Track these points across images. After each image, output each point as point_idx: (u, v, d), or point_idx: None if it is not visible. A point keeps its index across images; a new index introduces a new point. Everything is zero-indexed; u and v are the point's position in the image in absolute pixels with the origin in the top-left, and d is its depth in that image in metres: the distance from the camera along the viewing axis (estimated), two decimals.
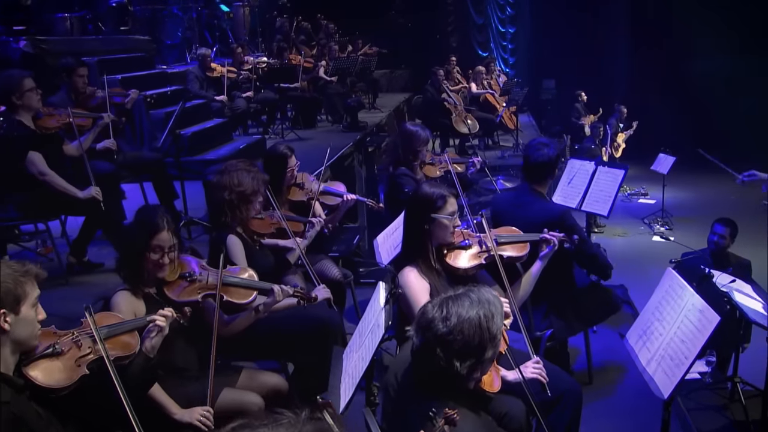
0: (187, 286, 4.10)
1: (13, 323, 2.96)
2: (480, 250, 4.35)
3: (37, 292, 3.10)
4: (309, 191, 6.04)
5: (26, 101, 6.09)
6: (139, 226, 4.00)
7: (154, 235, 3.95)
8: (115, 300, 3.91)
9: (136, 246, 3.95)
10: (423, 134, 6.60)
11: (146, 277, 4.03)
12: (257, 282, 4.36)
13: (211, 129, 10.87)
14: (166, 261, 4.03)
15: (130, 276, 3.99)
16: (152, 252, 3.96)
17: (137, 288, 3.99)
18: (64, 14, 11.99)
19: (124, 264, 4.02)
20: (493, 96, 15.96)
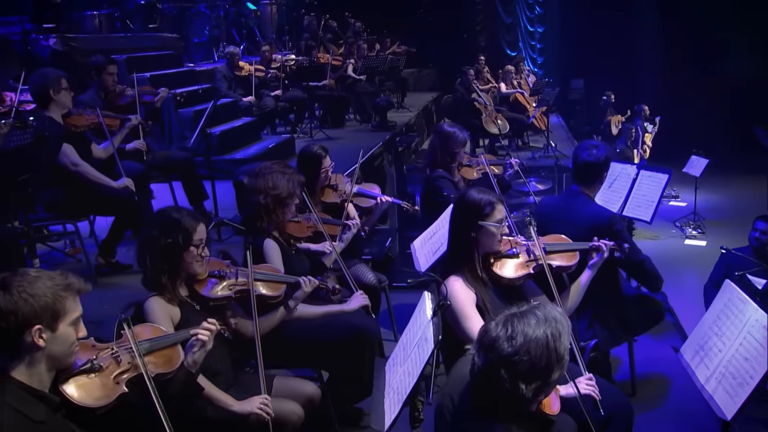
0: (217, 283, 4.04)
1: (49, 340, 2.79)
2: (528, 259, 4.17)
3: (79, 310, 2.91)
4: (343, 193, 5.88)
5: (61, 98, 6.03)
6: (172, 227, 3.84)
7: (195, 228, 3.87)
8: (149, 307, 3.75)
9: (177, 247, 3.82)
10: (461, 135, 6.44)
11: (182, 278, 3.92)
12: (284, 276, 4.35)
13: (239, 128, 10.74)
14: (206, 253, 3.96)
15: (165, 282, 3.83)
16: (193, 246, 3.86)
17: (171, 293, 3.84)
18: (93, 12, 11.90)
19: (160, 270, 3.83)
20: (523, 96, 15.75)
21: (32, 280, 2.78)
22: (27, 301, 2.72)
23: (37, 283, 2.78)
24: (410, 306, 6.79)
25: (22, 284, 2.75)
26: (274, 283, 4.23)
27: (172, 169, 7.58)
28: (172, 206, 4.11)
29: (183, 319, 3.78)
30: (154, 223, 3.94)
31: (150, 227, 3.94)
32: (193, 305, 3.92)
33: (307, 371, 5.01)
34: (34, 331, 2.74)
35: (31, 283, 2.77)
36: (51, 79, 5.98)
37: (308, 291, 4.27)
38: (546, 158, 13.99)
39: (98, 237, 6.74)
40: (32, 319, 2.74)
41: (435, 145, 6.56)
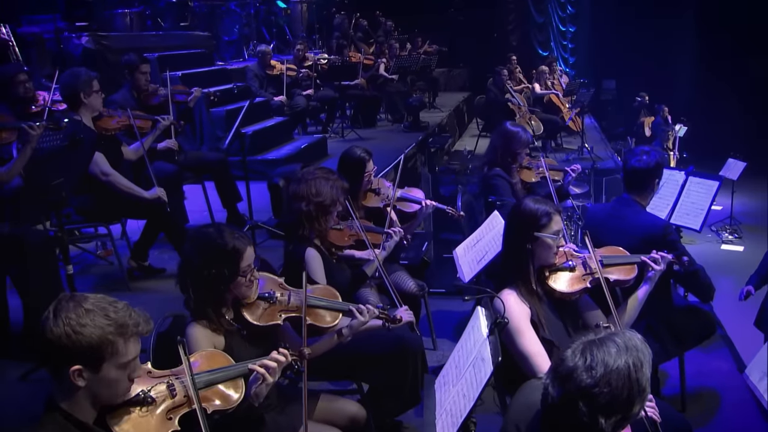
0: (267, 308, 3.70)
1: (90, 380, 2.54)
2: (584, 273, 3.97)
3: (132, 353, 2.62)
4: (385, 197, 5.70)
5: (91, 101, 5.91)
6: (215, 257, 3.47)
7: (242, 255, 3.50)
8: (191, 335, 3.43)
9: (222, 279, 3.47)
10: (524, 136, 6.25)
11: (228, 305, 3.61)
12: (342, 303, 3.99)
13: (271, 128, 10.63)
14: (255, 277, 3.64)
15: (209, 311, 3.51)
16: (242, 276, 3.53)
17: (216, 322, 3.52)
18: (124, 10, 11.80)
19: (203, 302, 3.49)
20: (557, 97, 15.51)
21: (82, 313, 2.52)
22: (70, 337, 2.48)
23: (86, 318, 2.51)
24: (448, 313, 6.77)
25: (70, 316, 2.50)
26: (330, 311, 3.90)
27: (205, 170, 7.46)
28: (213, 227, 3.62)
29: (227, 348, 3.47)
30: (194, 250, 3.54)
31: (190, 253, 3.56)
32: (240, 330, 3.61)
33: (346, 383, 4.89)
34: (72, 370, 2.50)
35: (80, 318, 2.50)
36: (82, 81, 5.85)
37: (366, 321, 3.91)
38: (581, 160, 13.73)
39: (130, 238, 6.64)
40: (72, 357, 2.50)
41: (496, 144, 6.37)
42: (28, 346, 4.70)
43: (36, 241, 4.76)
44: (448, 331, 6.48)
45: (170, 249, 6.46)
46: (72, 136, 4.23)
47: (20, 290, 4.78)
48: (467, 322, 6.49)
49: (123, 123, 6.13)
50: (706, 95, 20.00)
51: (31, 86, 6.83)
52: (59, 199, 4.25)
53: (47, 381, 2.62)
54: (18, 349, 4.79)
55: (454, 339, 6.27)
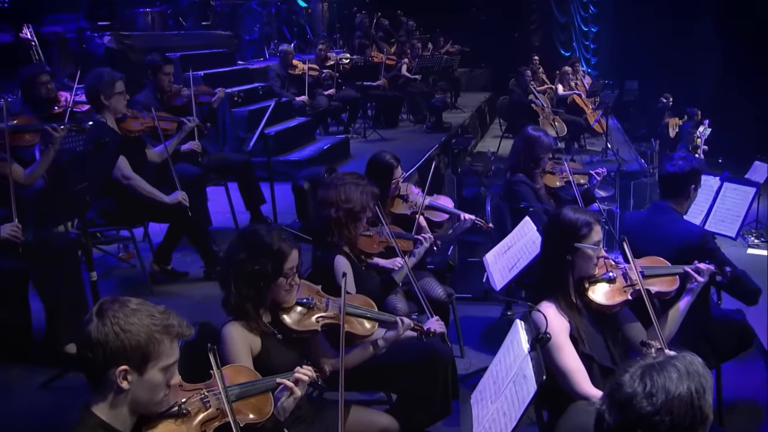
0: (305, 313, 3.68)
1: (134, 383, 2.49)
2: (625, 284, 3.83)
3: (174, 356, 2.60)
4: (413, 204, 5.57)
5: (113, 103, 5.78)
6: (262, 252, 3.49)
7: (287, 257, 3.51)
8: (228, 334, 3.44)
9: (266, 276, 3.48)
10: (546, 140, 6.10)
11: (267, 306, 3.60)
12: (379, 313, 3.94)
13: (294, 128, 10.53)
14: (296, 281, 3.63)
15: (249, 309, 3.51)
16: (283, 277, 3.53)
17: (254, 321, 3.52)
18: (145, 9, 11.75)
19: (245, 297, 3.49)
20: (581, 97, 15.33)
21: (129, 313, 2.49)
22: (118, 335, 2.44)
23: (133, 317, 2.49)
24: (474, 319, 6.64)
25: (117, 315, 2.47)
26: (367, 320, 3.86)
27: (229, 172, 7.38)
28: (263, 226, 3.68)
29: (264, 350, 3.49)
30: (241, 244, 3.57)
31: (237, 247, 3.57)
32: (276, 334, 3.60)
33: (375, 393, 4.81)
34: (119, 371, 2.46)
35: (128, 317, 2.48)
36: (103, 83, 5.73)
37: (401, 333, 3.88)
38: (605, 162, 13.54)
39: (152, 240, 6.57)
40: (119, 357, 2.45)
41: (518, 149, 6.21)
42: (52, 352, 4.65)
43: (59, 245, 4.68)
44: (474, 337, 6.37)
45: (193, 252, 6.38)
46: (96, 140, 4.13)
47: (42, 294, 4.70)
48: (494, 329, 6.46)
49: (147, 125, 6.04)
50: (729, 96, 19.72)
51: (53, 87, 6.79)
52: (83, 203, 4.15)
53: (70, 390, 2.55)
54: (39, 355, 4.70)
55: (482, 346, 6.19)
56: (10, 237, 4.43)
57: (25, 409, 4.40)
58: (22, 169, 5.00)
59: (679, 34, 21.52)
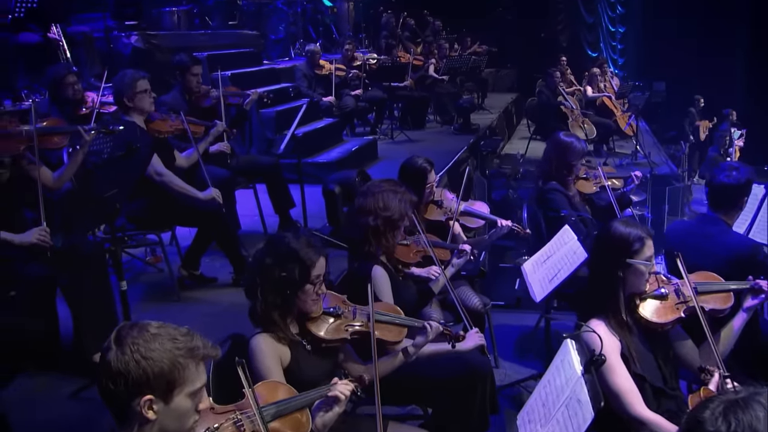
0: (333, 322, 3.56)
1: (160, 412, 2.33)
2: (678, 301, 3.66)
3: (201, 380, 2.42)
4: (448, 210, 5.43)
5: (137, 103, 5.69)
6: (288, 258, 3.39)
7: (314, 263, 3.41)
8: (257, 346, 3.32)
9: (293, 283, 3.37)
10: (579, 146, 5.91)
11: (294, 315, 3.49)
12: (407, 319, 3.82)
13: (321, 129, 10.40)
14: (323, 290, 3.52)
15: (276, 318, 3.40)
16: (310, 285, 3.42)
17: (282, 331, 3.41)
18: (172, 8, 11.66)
19: (272, 305, 3.38)
20: (610, 99, 15.11)
21: (149, 338, 2.31)
22: (139, 364, 2.26)
23: (154, 342, 2.31)
24: (508, 327, 6.48)
25: (137, 342, 2.29)
26: (396, 326, 3.74)
27: (258, 175, 7.26)
28: (291, 232, 3.58)
29: (293, 361, 3.37)
30: (268, 251, 3.47)
31: (264, 253, 3.47)
32: (304, 345, 3.48)
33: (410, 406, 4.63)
34: (143, 401, 2.28)
35: (148, 342, 2.30)
36: (125, 84, 5.65)
37: (431, 338, 3.76)
38: (635, 165, 13.33)
39: (180, 244, 6.47)
40: (143, 386, 2.28)
41: (550, 156, 6.02)
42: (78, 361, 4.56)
43: (87, 250, 4.58)
44: (509, 347, 6.22)
45: (221, 257, 6.26)
46: (128, 145, 4.01)
47: (70, 301, 4.60)
48: (529, 338, 6.30)
49: (176, 127, 5.93)
50: (760, 98, 19.42)
51: (80, 88, 6.72)
52: (113, 210, 4.03)
53: (98, 401, 2.39)
54: (67, 364, 4.59)
55: (516, 356, 6.04)
56: (38, 241, 4.34)
57: (53, 420, 4.31)
58: (50, 172, 4.91)
59: (709, 35, 21.24)
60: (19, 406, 4.23)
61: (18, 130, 4.64)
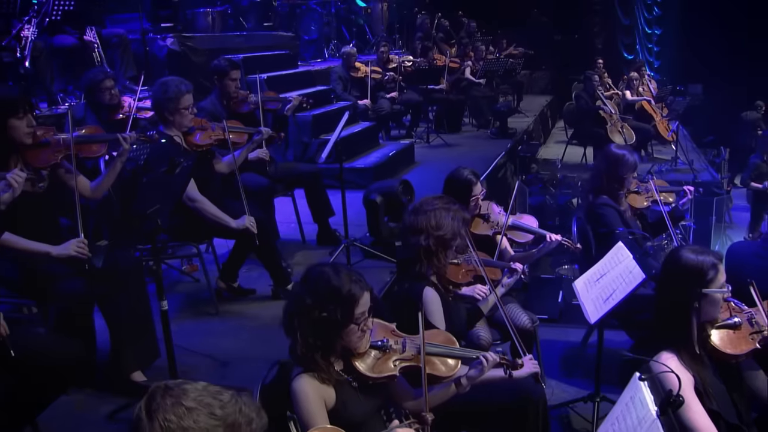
0: (381, 357, 3.31)
1: None
2: (751, 331, 3.46)
3: None
4: (495, 225, 5.24)
5: (177, 119, 5.48)
6: (329, 297, 3.11)
7: (357, 301, 3.14)
8: (299, 389, 3.08)
9: (334, 324, 3.12)
10: (631, 159, 5.69)
11: (338, 354, 3.24)
12: (462, 350, 3.60)
13: (358, 134, 10.24)
14: (369, 326, 3.25)
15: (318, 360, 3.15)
16: (354, 324, 3.16)
17: (326, 372, 3.16)
18: (206, 9, 11.55)
19: (312, 347, 3.13)
20: (649, 104, 14.81)
21: (183, 414, 1.96)
22: None
23: (188, 419, 1.96)
24: (552, 343, 6.28)
25: (169, 418, 1.95)
26: (450, 358, 3.52)
27: (297, 183, 7.14)
28: (330, 266, 3.27)
29: (339, 401, 3.14)
30: (307, 288, 3.18)
31: (302, 290, 3.20)
32: (351, 382, 3.25)
33: None
34: None
35: (182, 419, 1.95)
36: (168, 97, 5.41)
37: (488, 370, 3.55)
38: (674, 172, 13.05)
39: (216, 251, 6.31)
40: None
41: (600, 169, 5.81)
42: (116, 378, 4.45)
43: (127, 267, 4.43)
44: (554, 363, 6.06)
45: (259, 266, 6.11)
46: (171, 161, 3.85)
47: (107, 317, 4.46)
48: (575, 355, 6.10)
49: (217, 137, 5.75)
50: None
51: (117, 92, 6.61)
52: (154, 226, 3.88)
53: None
54: (104, 382, 4.45)
55: (563, 374, 5.87)
56: (76, 254, 4.20)
57: None
58: (87, 181, 4.76)
59: (746, 36, 20.90)
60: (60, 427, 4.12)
61: (56, 139, 4.48)
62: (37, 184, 3.87)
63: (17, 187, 3.68)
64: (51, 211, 4.57)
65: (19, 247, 4.15)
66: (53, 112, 7.36)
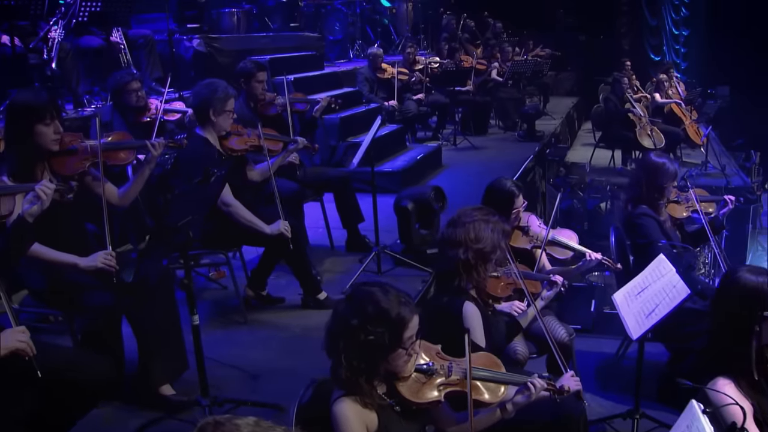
0: (425, 382, 3.15)
1: None
2: None
3: None
4: (534, 238, 5.08)
5: (220, 121, 5.45)
6: (377, 320, 2.98)
7: (406, 325, 2.99)
8: (341, 414, 2.95)
9: (381, 347, 2.98)
10: (671, 168, 5.54)
11: (381, 377, 3.10)
12: (509, 375, 3.43)
13: (386, 136, 10.07)
14: (416, 350, 3.11)
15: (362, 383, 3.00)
16: (402, 348, 3.02)
17: (369, 396, 3.02)
18: (231, 9, 11.46)
19: (356, 370, 2.98)
20: (679, 106, 14.60)
21: None
22: None
23: None
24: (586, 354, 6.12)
25: None
26: (497, 384, 3.36)
27: (326, 188, 7.03)
28: (378, 286, 3.10)
29: (381, 427, 3.01)
30: (353, 309, 3.03)
31: (347, 311, 3.04)
32: (393, 406, 3.11)
33: None
34: None
35: None
36: (216, 97, 5.38)
37: (535, 397, 3.40)
38: (704, 176, 12.83)
39: (244, 258, 6.20)
40: None
41: (640, 178, 5.65)
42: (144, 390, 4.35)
43: (156, 279, 4.31)
44: (589, 376, 5.85)
45: (287, 273, 6.01)
46: (206, 171, 3.73)
47: (135, 329, 4.35)
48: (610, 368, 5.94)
49: (252, 143, 5.66)
50: None
51: (144, 95, 6.52)
52: (186, 239, 3.76)
53: None
54: (132, 394, 4.34)
55: (599, 388, 5.69)
56: (104, 266, 4.08)
57: None
58: (115, 188, 4.66)
59: None
60: None
61: (83, 146, 4.37)
62: (65, 196, 3.75)
63: (46, 199, 3.57)
64: (77, 218, 4.47)
65: (47, 258, 4.05)
66: (79, 114, 7.29)
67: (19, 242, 3.59)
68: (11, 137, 4.17)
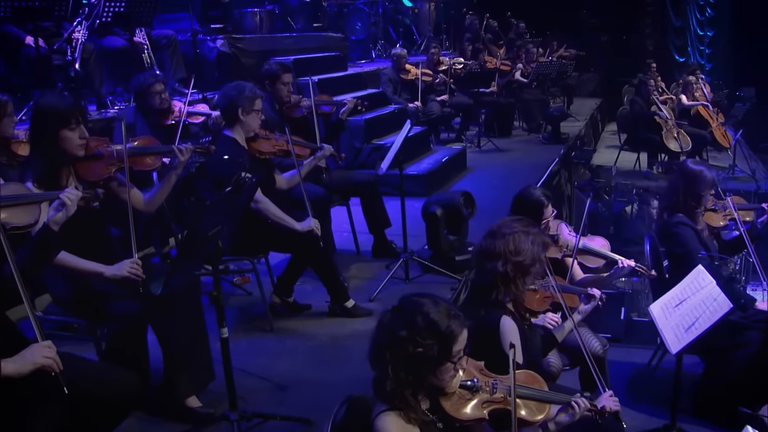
0: (470, 398, 3.06)
1: None
2: None
3: None
4: (564, 247, 4.93)
5: (249, 120, 5.40)
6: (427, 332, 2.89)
7: (456, 338, 2.92)
8: (384, 427, 2.87)
9: (430, 360, 2.90)
10: (709, 175, 5.39)
11: (426, 391, 3.02)
12: (553, 394, 3.32)
13: (410, 138, 9.85)
14: (463, 366, 3.03)
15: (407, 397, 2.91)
16: (451, 363, 2.95)
17: (413, 410, 2.92)
18: (254, 9, 11.39)
19: (402, 383, 2.90)
20: (706, 109, 14.39)
21: None
22: None
23: None
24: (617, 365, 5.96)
25: None
26: (540, 403, 3.26)
27: (353, 192, 6.93)
28: (429, 298, 3.03)
29: None
30: (402, 320, 2.95)
31: (395, 321, 2.97)
32: (436, 423, 3.02)
33: None
34: None
35: None
36: (245, 96, 5.33)
37: (578, 417, 3.31)
38: (732, 180, 12.63)
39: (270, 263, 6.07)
40: None
41: (677, 186, 5.50)
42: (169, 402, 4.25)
43: (183, 287, 4.21)
44: (620, 388, 5.70)
45: (313, 279, 5.88)
46: (237, 180, 3.62)
47: (161, 340, 4.24)
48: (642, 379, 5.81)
49: (280, 148, 5.60)
50: None
51: (167, 97, 6.43)
52: (216, 249, 3.66)
53: None
54: (157, 406, 4.24)
55: (631, 400, 5.56)
56: (130, 275, 3.99)
57: None
58: (141, 194, 4.57)
59: None
60: None
61: (109, 151, 4.30)
62: (91, 203, 3.66)
63: (71, 206, 3.48)
64: (103, 224, 4.40)
65: (72, 266, 3.97)
66: (102, 115, 7.24)
67: (44, 251, 3.50)
68: (36, 142, 4.12)
